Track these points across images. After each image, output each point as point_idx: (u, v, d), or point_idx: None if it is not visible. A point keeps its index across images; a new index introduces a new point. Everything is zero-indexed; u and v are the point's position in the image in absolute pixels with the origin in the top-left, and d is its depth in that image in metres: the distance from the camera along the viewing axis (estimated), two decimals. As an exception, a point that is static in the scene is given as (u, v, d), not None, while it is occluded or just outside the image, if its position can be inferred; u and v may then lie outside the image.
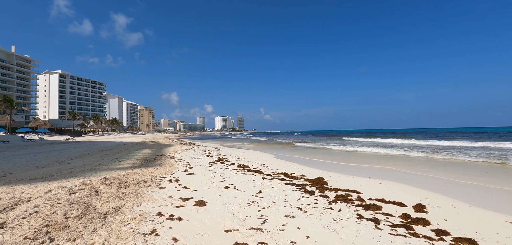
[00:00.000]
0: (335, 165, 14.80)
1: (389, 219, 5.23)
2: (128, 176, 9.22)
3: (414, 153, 20.12)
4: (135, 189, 7.18)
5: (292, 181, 9.24)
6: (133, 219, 4.75)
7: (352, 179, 9.99)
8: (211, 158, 17.11)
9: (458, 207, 6.31)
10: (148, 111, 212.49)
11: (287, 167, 13.29)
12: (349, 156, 20.00)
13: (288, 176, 10.42)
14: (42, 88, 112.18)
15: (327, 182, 9.12)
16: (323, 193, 7.51)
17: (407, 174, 11.43)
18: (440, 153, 20.09)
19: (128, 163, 13.40)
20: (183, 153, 20.04)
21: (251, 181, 9.06)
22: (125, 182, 7.98)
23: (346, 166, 14.37)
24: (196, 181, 8.94)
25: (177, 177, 9.52)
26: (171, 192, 7.07)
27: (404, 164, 14.85)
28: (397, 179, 10.21)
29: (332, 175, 10.93)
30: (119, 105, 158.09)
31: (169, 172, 10.57)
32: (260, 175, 10.54)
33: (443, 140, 37.51)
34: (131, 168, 11.54)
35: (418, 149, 23.79)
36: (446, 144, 29.44)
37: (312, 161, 16.55)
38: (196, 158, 16.84)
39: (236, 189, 7.79)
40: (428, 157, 18.13)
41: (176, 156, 17.59)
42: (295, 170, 12.29)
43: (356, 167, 13.72)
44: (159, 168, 11.66)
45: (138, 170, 10.71)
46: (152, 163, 13.46)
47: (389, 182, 9.44)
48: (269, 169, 12.27)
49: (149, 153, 19.73)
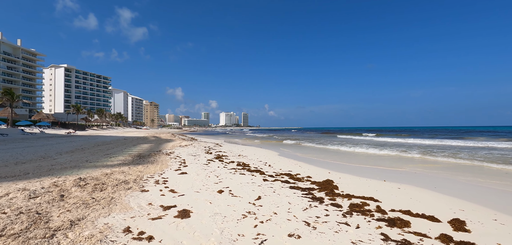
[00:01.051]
0: (344, 166, 13.56)
1: (425, 243, 4.01)
2: (110, 175, 8.14)
3: (432, 157, 18.69)
4: (111, 193, 6.07)
5: (297, 184, 8.05)
6: (88, 239, 3.63)
7: (365, 183, 8.75)
8: (210, 155, 16.00)
9: (505, 223, 5.04)
10: (153, 106, 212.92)
11: (292, 166, 12.10)
12: (358, 156, 18.69)
13: (293, 177, 9.23)
14: (48, 82, 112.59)
15: (337, 186, 7.90)
16: (334, 200, 6.31)
17: (427, 177, 10.12)
18: (459, 153, 18.63)
19: (118, 159, 12.37)
20: (182, 149, 18.99)
21: (249, 184, 7.90)
22: (103, 183, 6.89)
23: (357, 167, 13.11)
24: (187, 182, 7.81)
25: (166, 177, 8.41)
26: (152, 198, 5.95)
27: (420, 165, 13.52)
28: (417, 183, 8.93)
29: (342, 177, 9.70)
30: (124, 100, 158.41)
31: (160, 171, 9.47)
32: (261, 176, 9.37)
33: (457, 139, 35.81)
34: (119, 165, 10.48)
35: (434, 149, 22.33)
36: (462, 144, 27.81)
37: (319, 161, 15.31)
38: (194, 155, 15.75)
39: (231, 193, 6.64)
40: (446, 160, 16.71)
41: (173, 153, 16.53)
42: (300, 170, 11.09)
43: (369, 169, 12.46)
44: (150, 166, 10.57)
45: (126, 168, 9.64)
46: (144, 160, 12.40)
47: (409, 187, 8.17)
48: (271, 169, 11.09)
49: (146, 149, 18.73)
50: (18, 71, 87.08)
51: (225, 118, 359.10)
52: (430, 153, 18.57)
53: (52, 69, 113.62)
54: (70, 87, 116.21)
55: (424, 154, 18.16)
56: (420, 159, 15.81)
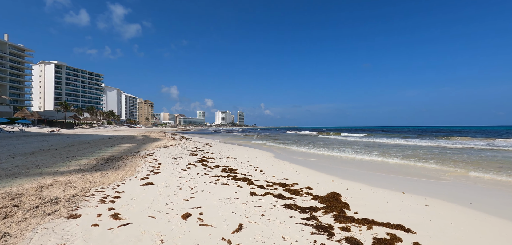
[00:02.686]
0: (349, 171, 11.65)
1: None
2: (45, 189, 6.08)
3: (447, 167, 16.89)
4: (11, 224, 4.03)
5: (294, 201, 6.08)
6: None
7: (380, 196, 6.84)
8: (194, 157, 13.97)
9: None
10: (147, 104, 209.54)
11: (288, 172, 10.14)
12: (362, 160, 16.83)
13: (289, 188, 7.27)
14: (37, 78, 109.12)
15: (347, 203, 5.95)
16: (348, 229, 4.36)
17: (454, 186, 8.23)
18: (481, 154, 16.88)
19: (79, 164, 10.28)
20: (164, 150, 16.90)
21: (231, 201, 5.91)
22: (16, 205, 4.84)
23: (364, 174, 11.22)
24: (146, 199, 5.79)
25: (121, 191, 6.38)
26: (73, 231, 3.92)
27: (434, 171, 11.67)
28: (443, 195, 7.03)
29: (349, 187, 7.78)
30: (117, 98, 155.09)
31: (120, 180, 7.43)
32: (248, 186, 7.40)
33: (444, 139, 34.29)
34: (73, 172, 8.41)
35: (447, 151, 20.58)
36: (453, 145, 26.19)
37: (319, 162, 13.38)
38: (175, 157, 13.70)
39: (200, 219, 4.64)
40: (469, 164, 14.90)
41: (152, 154, 14.44)
42: (297, 177, 9.13)
43: (379, 176, 10.57)
44: (111, 173, 8.51)
45: (77, 177, 7.58)
46: (110, 164, 10.32)
47: (439, 203, 6.26)
48: (262, 176, 9.12)
49: (123, 150, 16.62)
50: (5, 67, 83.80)
51: (221, 117, 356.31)
52: (443, 154, 16.77)
53: (41, 65, 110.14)
54: (61, 84, 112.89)
55: (441, 161, 16.35)
56: (434, 169, 14.01)
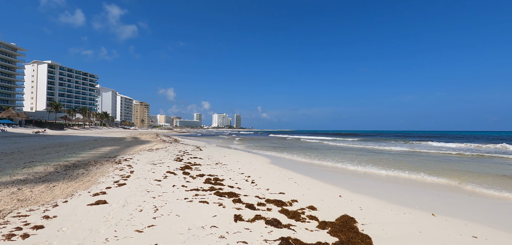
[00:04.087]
0: (355, 181, 9.94)
1: None
2: None
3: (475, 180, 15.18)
4: None
5: (294, 232, 4.34)
6: None
7: (406, 219, 5.14)
8: (179, 162, 12.21)
9: None
10: (143, 106, 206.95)
11: (285, 182, 8.40)
12: (357, 171, 15.15)
13: (286, 210, 5.52)
14: (30, 78, 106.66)
15: (368, 236, 4.21)
16: None
17: (500, 208, 6.54)
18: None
19: (29, 172, 8.47)
20: (146, 155, 15.07)
21: (205, 231, 4.14)
22: None
23: (373, 184, 9.52)
24: (82, 228, 4.02)
25: (54, 214, 4.60)
26: None
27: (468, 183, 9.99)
28: (495, 221, 5.32)
29: (363, 205, 6.07)
30: (112, 99, 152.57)
31: (64, 197, 5.65)
32: (234, 205, 5.67)
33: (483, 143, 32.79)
34: (8, 184, 6.61)
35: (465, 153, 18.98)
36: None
37: (324, 172, 11.67)
38: (156, 162, 11.91)
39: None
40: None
41: (130, 159, 12.63)
42: (296, 190, 7.40)
43: (392, 188, 8.88)
44: (60, 186, 6.72)
45: (8, 192, 5.79)
46: (66, 174, 8.50)
47: (486, 230, 4.56)
48: (254, 189, 7.38)
49: (99, 154, 14.79)
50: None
51: (218, 120, 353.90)
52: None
53: (34, 65, 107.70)
54: (54, 84, 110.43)
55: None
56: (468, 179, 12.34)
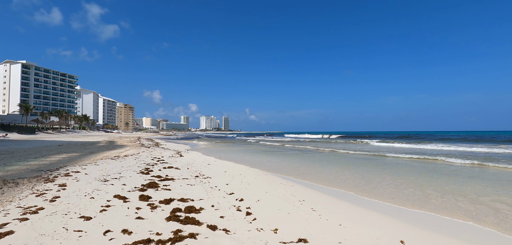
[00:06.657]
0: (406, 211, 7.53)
1: None
2: None
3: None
4: None
5: None
6: None
7: None
8: (145, 176, 9.40)
9: None
10: (127, 108, 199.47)
11: (298, 212, 5.82)
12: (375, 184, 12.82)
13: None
14: (1, 79, 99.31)
15: None
16: None
17: None
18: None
19: None
20: (105, 165, 12.08)
21: None
22: None
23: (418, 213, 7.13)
24: None
25: None
26: None
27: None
28: None
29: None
30: (94, 101, 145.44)
31: None
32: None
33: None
34: None
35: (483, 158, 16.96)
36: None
37: (330, 187, 9.20)
38: (109, 178, 9.03)
39: None
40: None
41: (76, 173, 9.67)
42: (321, 228, 4.84)
43: (435, 218, 6.51)
44: None
45: None
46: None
47: None
48: (251, 227, 4.77)
49: (39, 166, 11.71)
50: (-41, 65, 74.64)
51: (206, 122, 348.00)
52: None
53: (6, 65, 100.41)
54: (29, 85, 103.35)
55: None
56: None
